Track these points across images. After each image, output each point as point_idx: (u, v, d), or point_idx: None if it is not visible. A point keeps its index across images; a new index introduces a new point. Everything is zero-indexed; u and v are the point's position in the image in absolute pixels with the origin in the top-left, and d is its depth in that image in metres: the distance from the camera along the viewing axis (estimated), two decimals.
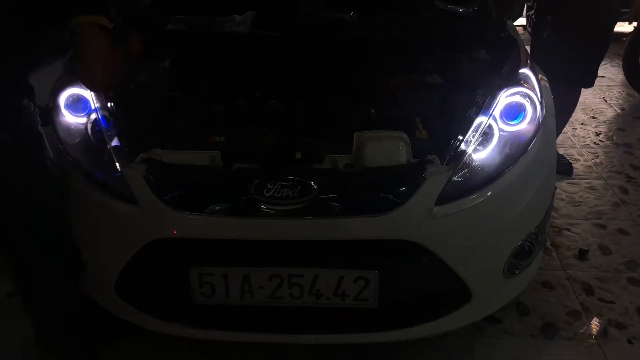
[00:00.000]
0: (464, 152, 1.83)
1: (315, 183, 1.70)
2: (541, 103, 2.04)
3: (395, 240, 1.73)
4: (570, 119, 4.16)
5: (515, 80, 2.02)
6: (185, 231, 1.73)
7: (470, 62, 2.11)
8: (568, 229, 2.94)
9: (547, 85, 2.33)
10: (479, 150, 1.86)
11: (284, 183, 1.69)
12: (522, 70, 2.10)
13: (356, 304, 1.77)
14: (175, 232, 1.73)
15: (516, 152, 1.91)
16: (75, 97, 1.94)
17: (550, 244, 2.79)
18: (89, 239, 1.92)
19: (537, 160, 1.95)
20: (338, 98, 2.01)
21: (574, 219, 3.03)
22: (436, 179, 1.75)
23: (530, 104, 1.96)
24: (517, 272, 1.97)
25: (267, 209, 1.70)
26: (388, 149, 1.78)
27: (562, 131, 3.68)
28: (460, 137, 1.86)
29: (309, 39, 2.15)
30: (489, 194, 1.81)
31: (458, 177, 1.80)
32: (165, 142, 1.85)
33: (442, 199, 1.75)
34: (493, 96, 1.94)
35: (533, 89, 2.01)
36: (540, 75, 2.32)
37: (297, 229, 1.71)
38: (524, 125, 1.95)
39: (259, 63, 2.11)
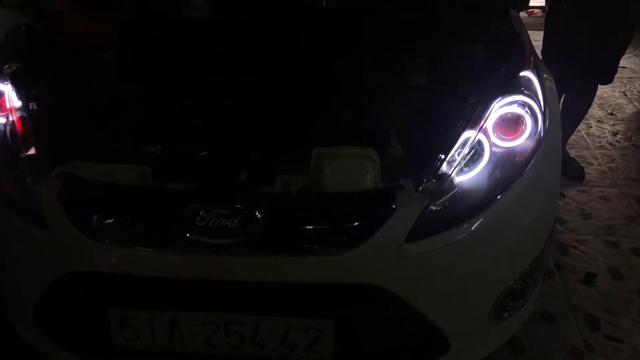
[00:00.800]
0: (445, 175, 1.51)
1: (260, 212, 1.39)
2: (544, 113, 1.70)
3: (356, 284, 1.42)
4: (585, 115, 3.82)
5: (514, 86, 1.68)
6: (102, 265, 1.44)
7: (461, 61, 1.77)
8: (575, 247, 2.61)
9: (554, 87, 1.99)
10: (465, 172, 1.54)
11: (221, 211, 1.39)
12: (523, 73, 1.76)
13: (308, 357, 1.47)
14: (89, 265, 1.44)
15: (510, 174, 1.58)
16: None
17: (554, 265, 2.47)
18: (2, 263, 1.64)
19: (536, 183, 1.62)
20: (301, 101, 1.68)
21: (583, 235, 2.70)
22: (408, 210, 1.43)
23: (530, 116, 1.63)
24: (506, 314, 1.66)
25: (200, 242, 1.39)
26: (351, 170, 1.46)
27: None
28: (442, 156, 1.53)
29: (272, 25, 1.82)
30: (474, 227, 1.50)
31: (436, 207, 1.48)
32: (91, 152, 1.55)
33: (415, 235, 1.43)
34: (485, 105, 1.61)
35: (534, 97, 1.67)
36: (545, 76, 1.98)
37: (236, 268, 1.41)
38: (521, 141, 1.62)
39: (210, 55, 1.78)
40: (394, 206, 1.42)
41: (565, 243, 2.63)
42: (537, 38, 3.56)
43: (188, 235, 1.39)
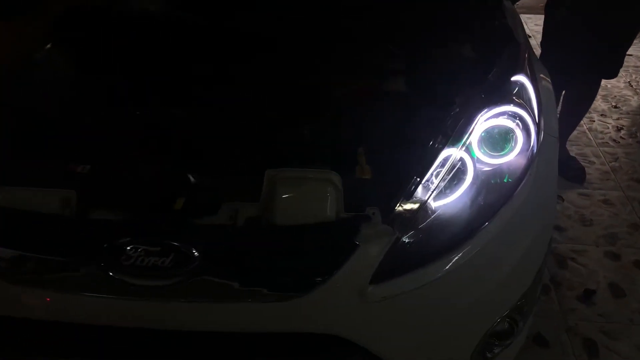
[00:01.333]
0: (420, 202, 1.28)
1: (197, 249, 1.17)
2: (538, 124, 1.48)
3: (312, 334, 1.21)
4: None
5: (504, 93, 1.45)
6: (7, 309, 1.22)
7: (443, 65, 1.53)
8: (573, 259, 2.40)
9: (551, 89, 1.75)
10: (444, 197, 1.32)
11: (150, 248, 1.17)
12: (515, 78, 1.52)
13: None
14: None
15: (498, 198, 1.37)
16: None
17: (550, 280, 2.26)
18: None
19: (528, 207, 1.40)
20: (254, 113, 1.44)
21: (582, 245, 2.48)
22: (373, 247, 1.21)
23: (522, 129, 1.41)
24: (490, 355, 1.44)
25: (125, 283, 1.17)
26: (309, 198, 1.24)
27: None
28: (418, 178, 1.31)
29: (224, 25, 1.58)
30: (453, 264, 1.28)
31: (409, 240, 1.27)
32: (10, 172, 1.32)
33: (382, 274, 1.22)
34: (469, 118, 1.38)
35: (527, 107, 1.45)
36: (542, 76, 1.74)
37: (168, 316, 1.20)
38: (510, 159, 1.40)
39: (151, 59, 1.55)
40: (357, 242, 1.20)
41: (563, 254, 2.42)
42: (539, 22, 3.33)
43: (111, 275, 1.17)
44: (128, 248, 1.17)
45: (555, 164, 1.58)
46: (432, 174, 1.32)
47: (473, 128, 1.37)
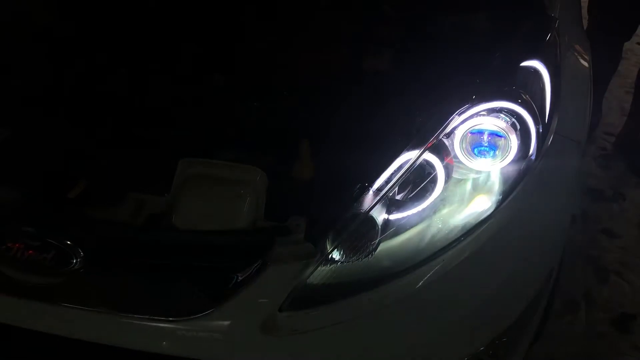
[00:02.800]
0: (363, 215, 1.03)
1: (83, 247, 1.00)
2: (548, 125, 1.16)
3: None
4: None
5: (502, 84, 1.14)
6: None
7: (431, 41, 1.22)
8: (619, 274, 2.03)
9: (587, 77, 1.39)
10: (400, 210, 1.06)
11: (31, 241, 1.01)
12: (527, 64, 1.19)
13: None
14: None
15: (469, 218, 1.08)
16: None
17: (583, 295, 1.92)
18: None
19: (516, 228, 1.11)
20: (176, 89, 1.20)
21: (635, 257, 2.09)
22: (287, 266, 0.98)
23: (518, 131, 1.10)
24: None
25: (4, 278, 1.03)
26: (220, 199, 1.02)
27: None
28: (366, 184, 1.05)
29: None
30: (390, 297, 1.02)
31: (345, 259, 1.02)
32: None
33: (297, 303, 0.99)
34: (446, 114, 1.09)
35: (531, 103, 1.13)
36: (576, 58, 1.39)
37: (47, 319, 1.03)
38: (498, 167, 1.10)
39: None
40: (266, 259, 0.98)
41: (607, 266, 2.05)
42: None
43: None
44: (7, 241, 1.01)
45: (572, 175, 1.26)
46: (386, 181, 1.05)
47: (448, 126, 1.08)
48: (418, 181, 1.08)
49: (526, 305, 1.18)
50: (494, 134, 1.10)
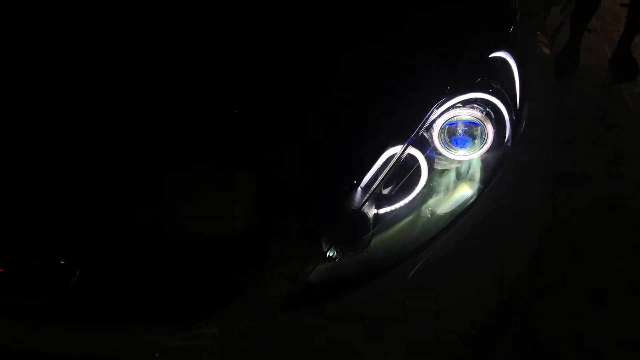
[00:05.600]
0: (356, 211, 1.06)
1: (77, 263, 1.00)
2: (520, 112, 1.21)
3: None
4: None
5: (474, 76, 1.19)
6: None
7: (400, 37, 1.25)
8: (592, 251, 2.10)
9: (549, 63, 1.46)
10: (387, 204, 1.10)
11: (27, 262, 1.01)
12: (495, 55, 1.25)
13: None
14: None
15: (455, 206, 1.12)
16: None
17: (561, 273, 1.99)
18: None
19: (499, 212, 1.15)
20: (151, 88, 1.18)
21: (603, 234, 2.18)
22: (289, 266, 1.01)
23: (493, 120, 1.15)
24: None
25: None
26: (210, 204, 1.04)
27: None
28: (354, 181, 1.08)
29: None
30: (389, 288, 1.06)
31: (340, 255, 1.05)
32: None
33: (299, 301, 1.02)
34: (425, 107, 1.13)
35: (504, 92, 1.18)
36: (539, 46, 1.45)
37: (40, 339, 1.03)
38: (476, 156, 1.15)
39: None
40: (266, 260, 1.00)
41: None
42: None
43: None
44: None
45: (546, 159, 1.32)
46: (374, 176, 1.09)
47: (427, 120, 1.12)
48: (402, 175, 1.11)
49: (514, 286, 1.23)
50: (470, 124, 1.15)
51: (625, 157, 2.56)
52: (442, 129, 1.14)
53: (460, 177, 1.15)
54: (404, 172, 1.11)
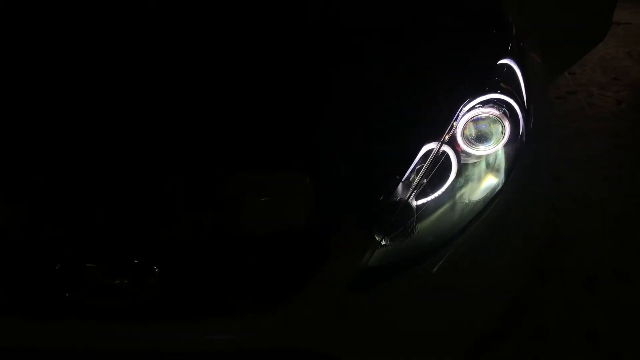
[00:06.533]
0: (401, 201, 1.19)
1: (158, 265, 1.08)
2: (528, 111, 1.37)
3: (285, 349, 1.13)
4: (586, 81, 3.46)
5: (490, 80, 1.35)
6: None
7: (418, 49, 1.41)
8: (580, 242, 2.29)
9: (542, 70, 1.64)
10: (426, 195, 1.23)
11: (107, 266, 1.09)
12: (502, 62, 1.41)
13: None
14: None
15: (485, 193, 1.27)
16: None
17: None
18: None
19: (519, 202, 1.30)
20: (209, 106, 1.28)
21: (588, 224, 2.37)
22: (351, 250, 1.12)
23: (509, 117, 1.30)
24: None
25: (82, 305, 1.10)
26: (276, 204, 1.15)
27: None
28: (397, 177, 1.21)
29: None
30: (441, 264, 1.19)
31: (390, 242, 1.17)
32: None
33: (360, 283, 1.13)
34: (452, 108, 1.28)
35: (514, 93, 1.34)
36: (532, 55, 1.63)
37: (130, 338, 1.11)
38: (497, 149, 1.30)
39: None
40: (331, 250, 1.11)
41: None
42: None
43: (67, 295, 1.09)
44: (84, 266, 1.08)
45: (552, 149, 1.49)
46: (412, 171, 1.22)
47: (455, 119, 1.27)
48: (436, 168, 1.25)
49: (532, 263, 1.38)
50: (489, 122, 1.30)
51: None
52: (465, 126, 1.28)
53: (485, 169, 1.30)
54: (437, 166, 1.25)
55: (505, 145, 1.30)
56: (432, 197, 1.23)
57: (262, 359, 1.13)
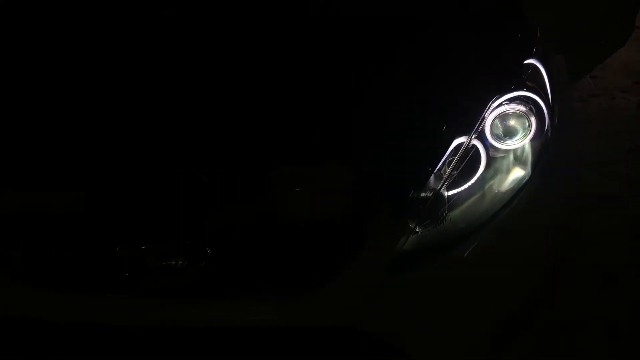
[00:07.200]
0: (433, 192, 1.27)
1: (210, 247, 1.18)
2: (552, 108, 1.45)
3: (327, 327, 1.22)
4: (608, 85, 3.50)
5: (517, 78, 1.43)
6: (24, 310, 1.25)
7: (452, 51, 1.49)
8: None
9: (565, 70, 1.71)
10: (457, 186, 1.31)
11: (163, 248, 1.19)
12: (528, 62, 1.49)
13: None
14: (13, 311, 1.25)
15: (512, 184, 1.35)
16: None
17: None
18: None
19: (544, 193, 1.38)
20: (252, 104, 1.37)
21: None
22: (388, 236, 1.21)
23: (535, 114, 1.38)
24: (507, 345, 1.44)
25: (139, 284, 1.20)
26: (319, 192, 1.24)
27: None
28: (430, 168, 1.29)
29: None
30: (468, 251, 1.28)
31: (423, 229, 1.26)
32: (17, 172, 1.32)
33: (397, 265, 1.22)
34: (481, 104, 1.36)
35: (540, 91, 1.42)
36: (556, 58, 1.70)
37: (184, 314, 1.21)
38: (524, 144, 1.38)
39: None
40: (370, 235, 1.20)
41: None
42: None
43: (127, 276, 1.19)
44: (141, 248, 1.18)
45: (575, 146, 1.56)
46: (444, 163, 1.31)
47: (485, 114, 1.35)
48: (466, 161, 1.33)
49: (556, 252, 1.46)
50: (517, 118, 1.38)
51: None
52: (493, 121, 1.37)
53: (513, 161, 1.38)
54: (467, 158, 1.33)
55: (531, 140, 1.38)
56: (463, 187, 1.32)
57: (307, 335, 1.22)
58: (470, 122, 1.34)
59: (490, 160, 1.35)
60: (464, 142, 1.32)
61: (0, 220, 1.24)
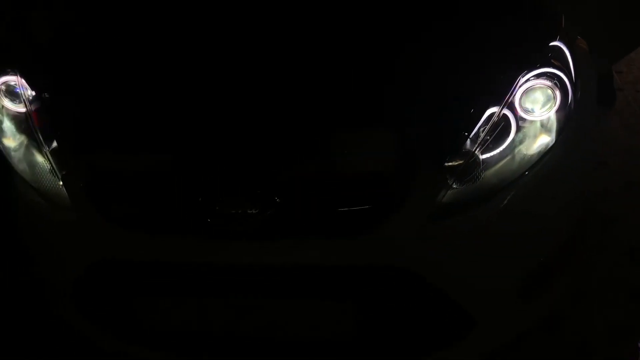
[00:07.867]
0: (469, 153, 1.46)
1: (278, 195, 1.39)
2: (575, 85, 1.63)
3: (378, 265, 1.42)
4: (633, 79, 3.63)
5: (544, 56, 1.61)
6: (127, 253, 1.48)
7: (486, 31, 1.68)
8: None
9: (587, 54, 1.89)
10: (490, 149, 1.50)
11: (239, 197, 1.40)
12: (553, 44, 1.67)
13: (330, 340, 1.48)
14: (116, 253, 1.48)
15: (539, 149, 1.53)
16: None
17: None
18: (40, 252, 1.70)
19: (567, 157, 1.56)
20: (308, 76, 1.58)
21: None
22: (431, 188, 1.41)
23: (559, 88, 1.56)
24: (535, 293, 1.62)
25: (221, 228, 1.41)
26: (371, 150, 1.44)
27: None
28: (466, 133, 1.49)
29: None
30: (500, 205, 1.46)
31: (461, 185, 1.45)
32: (111, 140, 1.56)
33: (439, 213, 1.42)
34: (511, 78, 1.55)
35: (564, 69, 1.60)
36: (580, 44, 1.88)
37: (257, 252, 1.42)
38: (550, 114, 1.56)
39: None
40: (415, 185, 1.40)
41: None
42: None
43: (209, 221, 1.40)
44: (222, 197, 1.40)
45: (594, 116, 1.74)
46: (479, 130, 1.49)
47: (515, 88, 1.53)
48: (499, 129, 1.52)
49: (574, 224, 1.63)
50: (543, 91, 1.56)
51: None
52: (523, 94, 1.55)
53: (539, 130, 1.55)
54: (500, 127, 1.51)
55: (556, 112, 1.56)
56: (495, 152, 1.50)
57: (358, 272, 1.42)
58: (502, 95, 1.52)
59: (519, 128, 1.53)
60: (495, 112, 1.51)
61: (104, 174, 1.47)
